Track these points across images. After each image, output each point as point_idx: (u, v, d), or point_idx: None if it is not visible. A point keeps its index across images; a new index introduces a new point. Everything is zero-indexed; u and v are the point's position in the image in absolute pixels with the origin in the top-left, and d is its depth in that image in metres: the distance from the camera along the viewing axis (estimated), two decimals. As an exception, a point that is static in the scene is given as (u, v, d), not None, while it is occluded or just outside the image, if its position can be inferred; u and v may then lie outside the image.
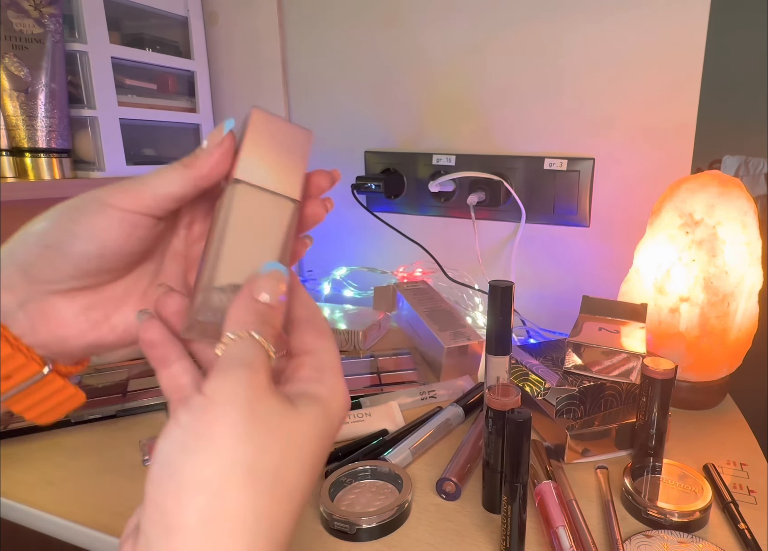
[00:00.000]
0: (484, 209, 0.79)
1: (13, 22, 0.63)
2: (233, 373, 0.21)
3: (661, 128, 0.67)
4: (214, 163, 0.26)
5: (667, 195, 0.57)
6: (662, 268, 0.56)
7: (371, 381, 0.63)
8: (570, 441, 0.46)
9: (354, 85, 0.83)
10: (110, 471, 0.46)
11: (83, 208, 0.25)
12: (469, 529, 0.40)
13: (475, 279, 0.80)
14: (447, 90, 0.78)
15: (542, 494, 0.40)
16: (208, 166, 0.26)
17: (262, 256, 0.26)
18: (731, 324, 0.55)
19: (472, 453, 0.46)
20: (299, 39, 0.85)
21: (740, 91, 1.43)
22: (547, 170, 0.74)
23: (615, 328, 0.53)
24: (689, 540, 0.37)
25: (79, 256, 0.25)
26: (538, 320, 0.77)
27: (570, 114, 0.72)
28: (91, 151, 0.74)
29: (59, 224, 0.25)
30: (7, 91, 0.64)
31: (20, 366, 0.25)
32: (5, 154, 0.67)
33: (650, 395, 0.43)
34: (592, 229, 0.75)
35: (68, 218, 0.25)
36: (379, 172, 0.84)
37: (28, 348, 0.26)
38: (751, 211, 0.54)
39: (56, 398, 0.28)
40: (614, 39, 0.67)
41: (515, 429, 0.34)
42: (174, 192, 0.26)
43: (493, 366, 0.40)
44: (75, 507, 0.42)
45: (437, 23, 0.76)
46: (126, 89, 0.77)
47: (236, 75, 0.90)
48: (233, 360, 0.21)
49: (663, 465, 0.44)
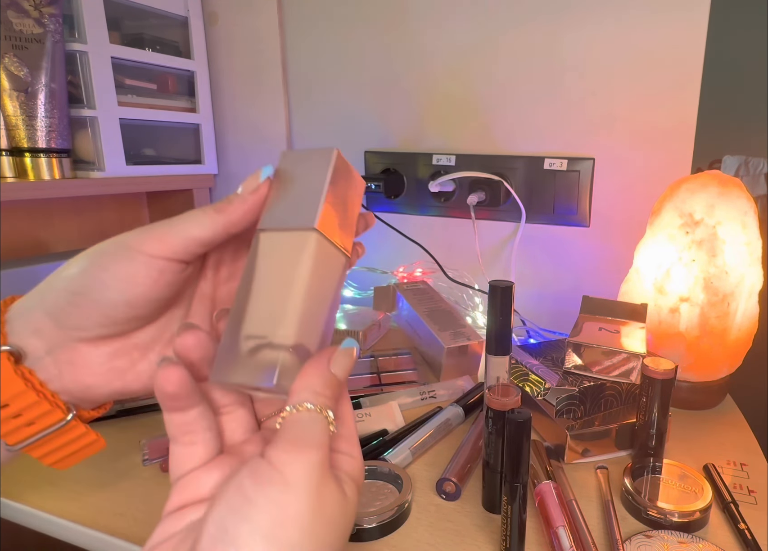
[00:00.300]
0: (484, 209, 0.79)
1: (13, 22, 0.63)
2: (308, 454, 0.21)
3: (661, 128, 0.67)
4: (247, 210, 0.25)
5: (667, 195, 0.57)
6: (662, 268, 0.56)
7: (371, 381, 0.63)
8: (570, 441, 0.46)
9: (354, 85, 0.83)
10: (110, 471, 0.46)
11: (111, 254, 0.25)
12: (469, 529, 0.40)
13: (475, 280, 0.80)
14: (447, 90, 0.78)
15: (542, 494, 0.40)
16: (241, 212, 0.25)
17: (321, 314, 0.25)
18: (731, 324, 0.55)
19: (472, 453, 0.46)
20: (299, 39, 0.85)
21: (740, 91, 1.43)
22: (547, 170, 0.74)
23: (615, 328, 0.53)
24: (689, 541, 0.37)
25: (107, 304, 0.25)
26: (538, 320, 0.77)
27: (570, 114, 0.72)
28: (91, 151, 0.74)
29: (88, 271, 0.25)
30: (7, 91, 0.64)
31: (44, 413, 0.25)
32: (5, 154, 0.67)
33: (650, 395, 0.43)
34: (592, 229, 0.75)
35: (97, 265, 0.25)
36: (379, 172, 0.84)
37: (53, 395, 0.26)
38: (751, 211, 0.54)
39: (77, 444, 0.28)
40: (614, 39, 0.67)
41: (515, 429, 0.34)
42: (203, 237, 0.25)
43: (493, 366, 0.40)
44: (75, 507, 0.42)
45: (437, 23, 0.76)
46: (126, 89, 0.78)
47: (236, 75, 0.90)
48: (306, 436, 0.22)
49: (663, 465, 0.44)
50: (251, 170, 0.26)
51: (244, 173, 0.93)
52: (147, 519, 0.40)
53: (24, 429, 0.25)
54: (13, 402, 0.24)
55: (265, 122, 0.90)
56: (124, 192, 0.80)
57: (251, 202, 0.26)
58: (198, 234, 0.25)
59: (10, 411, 0.24)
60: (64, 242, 0.83)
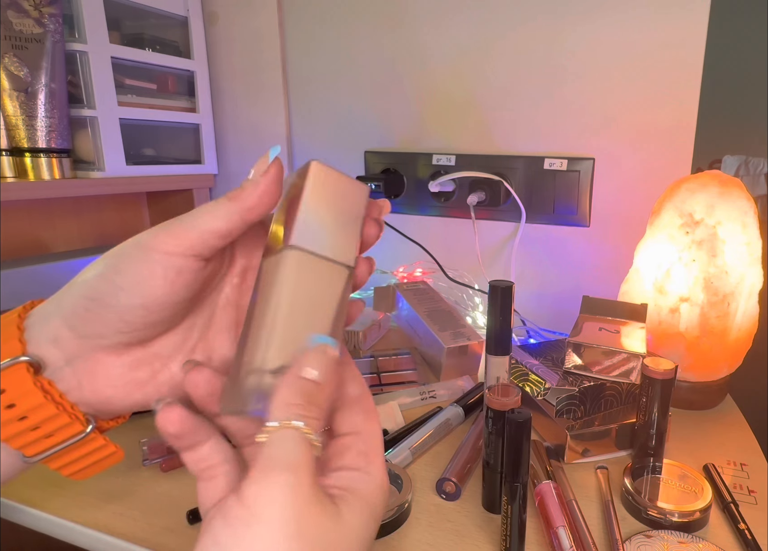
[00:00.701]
0: (484, 209, 0.79)
1: (13, 22, 0.63)
2: (276, 479, 0.19)
3: (661, 128, 0.67)
4: (261, 193, 0.24)
5: (667, 195, 0.57)
6: (662, 268, 0.56)
7: (371, 381, 0.63)
8: (570, 441, 0.46)
9: (354, 85, 0.83)
10: (110, 471, 0.46)
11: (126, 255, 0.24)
12: (469, 529, 0.40)
13: (475, 280, 0.80)
14: (447, 90, 0.78)
15: (542, 494, 0.40)
16: (256, 196, 0.24)
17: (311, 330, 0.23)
18: (731, 324, 0.55)
19: (472, 453, 0.46)
20: (299, 39, 0.85)
21: (740, 91, 1.43)
22: (547, 170, 0.74)
23: (615, 328, 0.53)
24: (689, 541, 0.37)
25: (123, 308, 0.24)
26: (538, 320, 0.77)
27: (570, 114, 0.72)
28: (90, 151, 0.74)
29: (103, 275, 0.24)
30: (7, 90, 0.64)
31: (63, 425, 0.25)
32: (5, 154, 0.67)
33: (650, 395, 0.43)
34: (592, 229, 0.75)
35: (112, 268, 0.24)
36: (379, 172, 0.84)
37: (72, 406, 0.25)
38: (751, 211, 0.54)
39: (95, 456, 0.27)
40: (614, 39, 0.67)
41: (515, 429, 0.34)
42: (220, 227, 0.24)
43: (493, 366, 0.40)
44: (75, 507, 0.42)
45: (437, 23, 0.76)
46: (126, 89, 0.77)
47: (236, 75, 0.90)
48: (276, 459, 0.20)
49: (663, 465, 0.44)
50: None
51: (244, 173, 0.92)
52: (147, 519, 0.40)
53: (43, 441, 0.25)
54: (32, 414, 0.24)
55: (265, 122, 0.90)
56: (124, 192, 0.80)
57: (264, 183, 0.24)
58: (214, 225, 0.24)
59: (29, 424, 0.24)
60: (64, 242, 0.83)
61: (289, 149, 0.90)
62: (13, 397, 0.23)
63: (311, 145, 0.89)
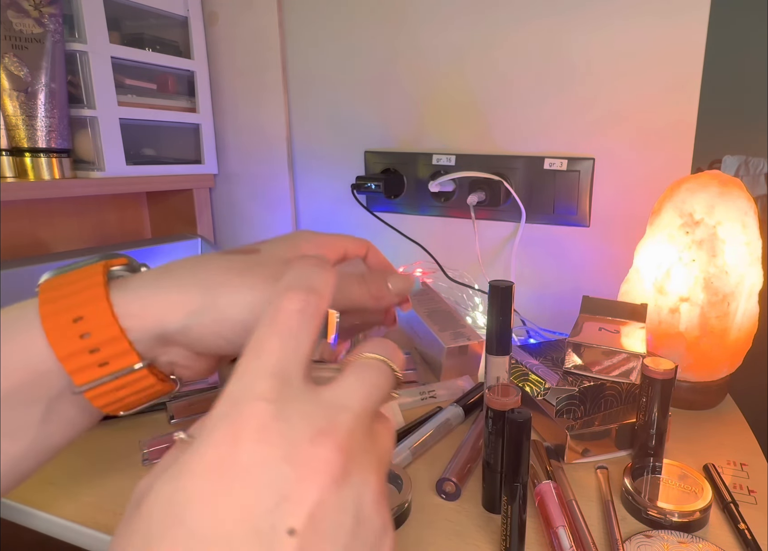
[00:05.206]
0: (484, 209, 0.79)
1: (13, 22, 0.63)
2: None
3: (661, 128, 0.67)
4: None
5: (667, 195, 0.57)
6: (662, 268, 0.56)
7: (371, 381, 0.63)
8: (570, 441, 0.46)
9: (354, 85, 0.83)
10: (110, 471, 0.46)
11: None
12: (469, 529, 0.40)
13: (475, 280, 0.80)
14: (447, 90, 0.78)
15: (542, 494, 0.40)
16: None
17: None
18: (731, 324, 0.55)
19: (472, 453, 0.46)
20: (299, 39, 0.85)
21: (740, 91, 1.43)
22: (547, 170, 0.74)
23: (615, 328, 0.53)
24: (689, 540, 0.37)
25: None
26: (538, 320, 0.77)
27: (570, 114, 0.72)
28: (91, 151, 0.74)
29: None
30: (6, 90, 0.64)
31: (121, 352, 0.24)
32: (5, 154, 0.67)
33: (650, 395, 0.43)
34: (592, 229, 0.75)
35: None
36: (379, 172, 0.84)
37: (130, 343, 0.24)
38: (751, 211, 0.54)
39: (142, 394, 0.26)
40: (614, 39, 0.67)
41: (515, 429, 0.34)
42: None
43: (493, 366, 0.40)
44: (75, 507, 0.42)
45: (437, 23, 0.76)
46: (126, 89, 0.78)
47: (236, 75, 0.90)
48: None
49: (663, 465, 0.44)
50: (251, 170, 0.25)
51: (244, 173, 0.93)
52: (147, 519, 0.40)
53: (95, 369, 0.24)
54: (95, 332, 0.23)
55: (265, 122, 0.90)
56: (124, 192, 0.80)
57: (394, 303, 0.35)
58: None
59: (91, 343, 0.23)
60: (64, 242, 0.83)
61: (289, 149, 0.90)
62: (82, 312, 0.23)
63: (311, 145, 0.89)
